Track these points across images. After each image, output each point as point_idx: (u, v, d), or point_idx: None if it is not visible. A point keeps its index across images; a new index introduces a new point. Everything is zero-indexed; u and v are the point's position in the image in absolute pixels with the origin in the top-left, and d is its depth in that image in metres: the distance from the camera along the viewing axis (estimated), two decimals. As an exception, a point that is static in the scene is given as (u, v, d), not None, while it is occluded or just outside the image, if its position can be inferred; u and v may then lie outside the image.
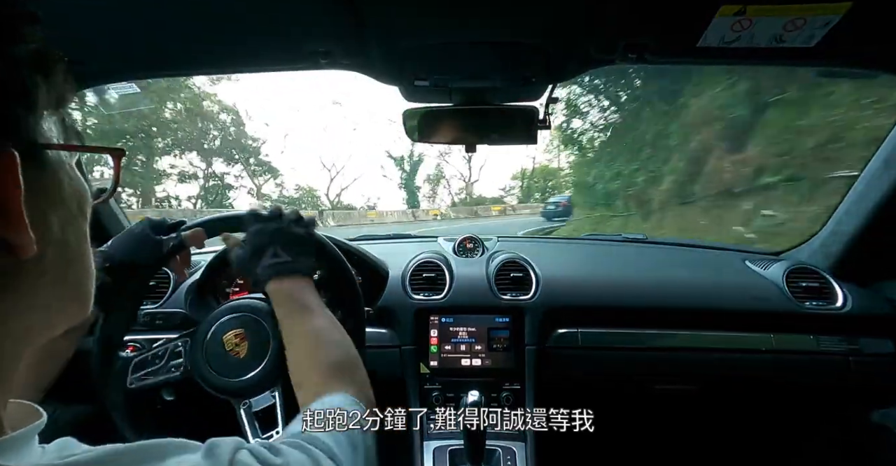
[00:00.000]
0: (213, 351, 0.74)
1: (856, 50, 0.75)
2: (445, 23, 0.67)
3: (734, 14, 0.64)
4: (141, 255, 0.69)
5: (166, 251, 0.71)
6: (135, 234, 0.70)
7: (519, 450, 1.01)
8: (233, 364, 0.73)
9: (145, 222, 0.72)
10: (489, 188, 41.88)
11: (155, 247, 0.70)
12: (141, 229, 0.71)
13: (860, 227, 1.08)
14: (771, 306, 1.11)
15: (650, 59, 0.79)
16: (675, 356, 1.11)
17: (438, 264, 1.19)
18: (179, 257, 0.75)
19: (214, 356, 0.73)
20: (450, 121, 0.92)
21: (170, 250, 0.72)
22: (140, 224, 0.72)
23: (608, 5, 0.63)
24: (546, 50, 0.74)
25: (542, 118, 0.89)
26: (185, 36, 0.72)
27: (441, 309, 1.12)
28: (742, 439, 1.39)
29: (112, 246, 0.69)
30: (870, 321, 1.09)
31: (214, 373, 0.72)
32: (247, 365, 0.72)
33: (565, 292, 1.15)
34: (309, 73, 3.49)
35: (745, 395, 1.26)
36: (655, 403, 1.29)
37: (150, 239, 0.70)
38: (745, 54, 0.75)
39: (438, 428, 1.06)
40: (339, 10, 0.62)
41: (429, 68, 0.79)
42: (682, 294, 1.16)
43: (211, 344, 0.74)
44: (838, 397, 1.20)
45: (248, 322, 0.75)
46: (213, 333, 0.74)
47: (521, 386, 1.08)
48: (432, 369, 1.10)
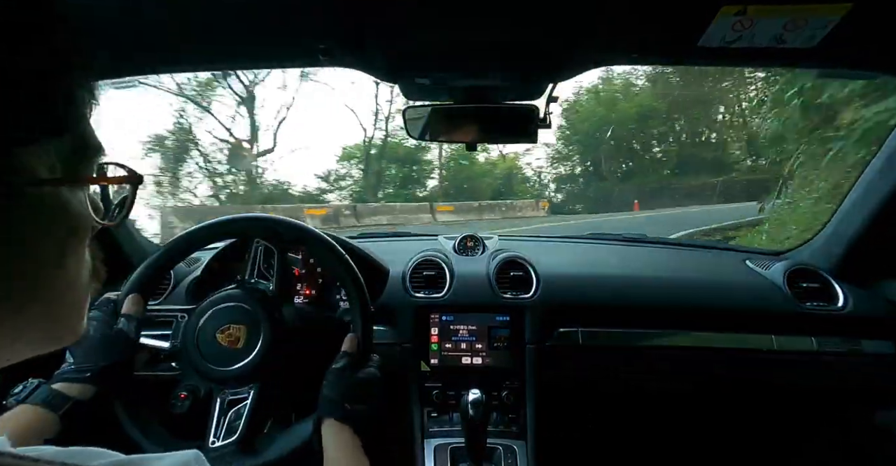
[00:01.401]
0: (204, 337, 0.75)
1: (856, 51, 0.75)
2: (445, 20, 0.68)
3: (735, 14, 0.64)
4: (114, 355, 0.68)
5: (133, 336, 0.71)
6: (96, 340, 0.69)
7: (519, 448, 1.01)
8: (221, 352, 0.74)
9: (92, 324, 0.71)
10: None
11: (122, 341, 0.70)
12: (97, 333, 0.70)
13: (861, 228, 1.08)
14: (771, 306, 1.11)
15: (651, 59, 0.79)
16: (675, 355, 1.12)
17: (439, 262, 1.19)
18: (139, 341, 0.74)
19: (205, 342, 0.75)
20: (449, 119, 0.93)
21: (135, 333, 0.71)
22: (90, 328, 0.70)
23: (609, 4, 0.63)
24: (546, 49, 0.75)
25: (543, 117, 0.89)
26: (185, 33, 0.72)
27: (441, 307, 1.13)
28: (742, 439, 1.38)
29: (85, 359, 0.67)
30: (870, 322, 1.09)
31: (201, 357, 0.74)
32: (234, 355, 0.74)
33: (566, 291, 1.15)
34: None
35: (745, 395, 1.26)
36: (655, 402, 1.29)
37: (112, 338, 0.70)
38: (746, 54, 0.75)
39: (439, 426, 1.06)
40: (339, 8, 0.62)
41: (429, 66, 0.80)
42: (682, 293, 1.16)
43: (204, 330, 0.76)
44: (839, 398, 1.20)
45: (247, 314, 0.76)
46: (208, 319, 0.76)
47: (522, 384, 1.08)
48: (433, 367, 1.10)
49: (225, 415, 0.73)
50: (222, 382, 0.74)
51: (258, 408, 0.73)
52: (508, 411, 1.07)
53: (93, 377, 0.65)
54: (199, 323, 0.76)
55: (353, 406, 0.68)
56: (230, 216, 0.83)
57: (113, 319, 0.72)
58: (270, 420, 0.77)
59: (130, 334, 0.71)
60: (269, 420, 0.77)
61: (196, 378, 0.76)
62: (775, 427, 1.35)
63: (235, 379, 0.74)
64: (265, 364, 0.74)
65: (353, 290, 0.78)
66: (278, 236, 0.83)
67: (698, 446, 1.40)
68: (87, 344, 0.69)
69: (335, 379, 0.70)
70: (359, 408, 0.68)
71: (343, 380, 0.70)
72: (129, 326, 0.71)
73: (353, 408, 0.68)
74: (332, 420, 0.67)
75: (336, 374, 0.71)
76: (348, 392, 0.69)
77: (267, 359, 0.74)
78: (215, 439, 0.71)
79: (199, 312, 0.77)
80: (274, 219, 0.83)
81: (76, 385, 0.64)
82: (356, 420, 0.67)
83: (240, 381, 0.74)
